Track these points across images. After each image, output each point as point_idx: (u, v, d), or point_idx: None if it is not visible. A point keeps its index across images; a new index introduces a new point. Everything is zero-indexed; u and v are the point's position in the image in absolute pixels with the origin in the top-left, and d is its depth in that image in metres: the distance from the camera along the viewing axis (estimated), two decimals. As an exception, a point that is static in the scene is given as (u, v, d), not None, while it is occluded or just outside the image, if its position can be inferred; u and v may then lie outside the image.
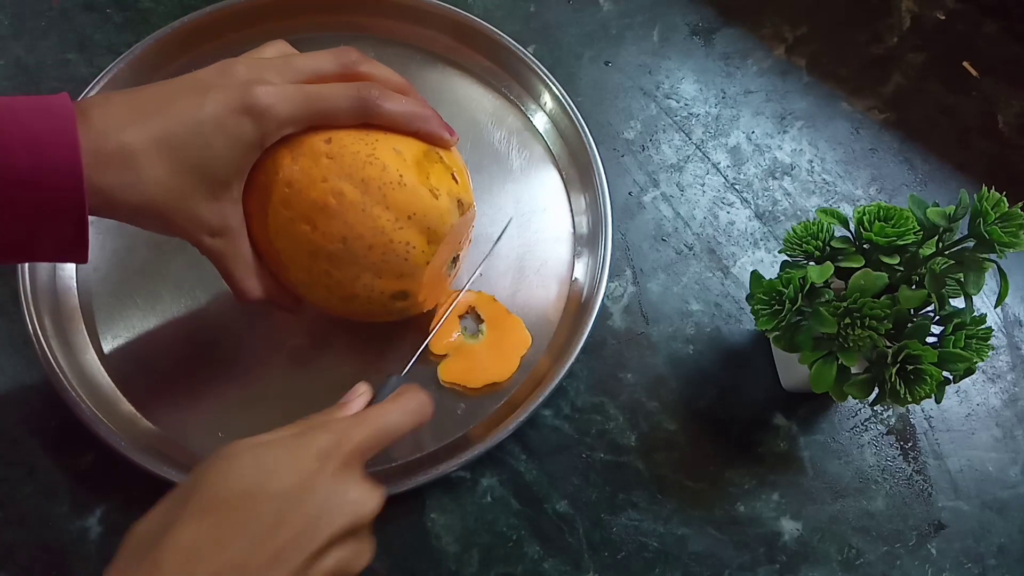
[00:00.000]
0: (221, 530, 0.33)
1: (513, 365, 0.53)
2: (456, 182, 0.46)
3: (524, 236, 0.58)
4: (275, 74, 0.42)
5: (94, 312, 0.53)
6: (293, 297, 0.48)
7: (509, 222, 0.56)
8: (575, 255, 0.57)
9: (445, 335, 0.53)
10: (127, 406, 0.50)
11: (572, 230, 0.58)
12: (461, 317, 0.54)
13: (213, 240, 0.43)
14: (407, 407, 0.41)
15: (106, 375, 0.51)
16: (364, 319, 0.50)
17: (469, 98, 0.62)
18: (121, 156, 0.38)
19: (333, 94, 0.43)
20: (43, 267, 0.52)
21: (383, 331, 0.53)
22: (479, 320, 0.54)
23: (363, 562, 0.37)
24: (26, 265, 0.51)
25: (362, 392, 0.43)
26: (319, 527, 0.34)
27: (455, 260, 0.51)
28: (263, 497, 0.34)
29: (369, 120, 0.44)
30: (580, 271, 0.56)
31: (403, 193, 0.43)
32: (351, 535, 0.36)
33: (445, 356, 0.53)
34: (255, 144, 0.42)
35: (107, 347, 0.52)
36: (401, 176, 0.44)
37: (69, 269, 0.54)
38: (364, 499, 0.36)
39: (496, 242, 0.56)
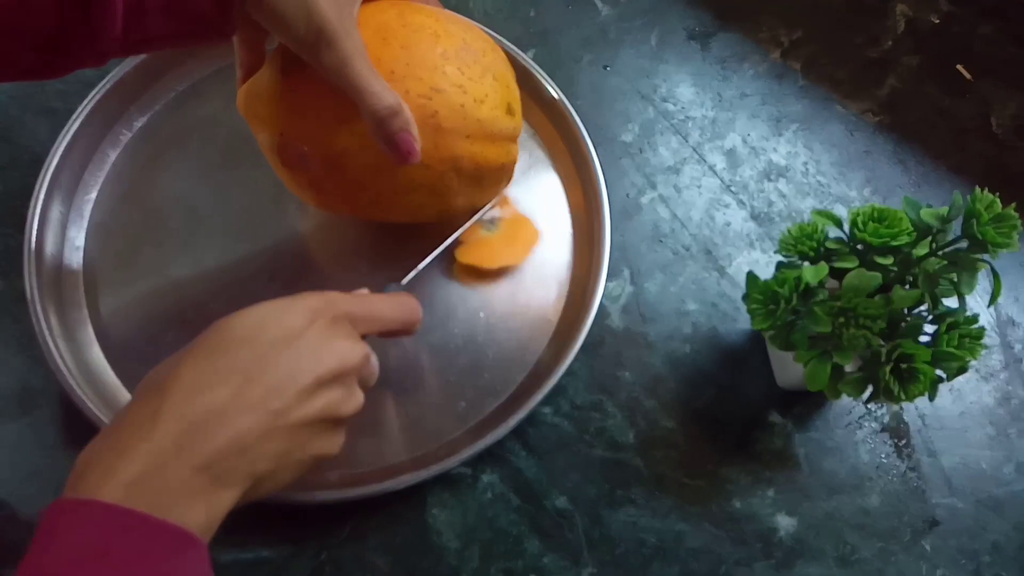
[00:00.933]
0: (219, 368, 0.36)
1: (525, 253, 0.57)
2: None
3: (524, 237, 0.58)
4: None
5: (100, 311, 0.53)
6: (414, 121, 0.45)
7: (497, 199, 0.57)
8: (574, 255, 0.58)
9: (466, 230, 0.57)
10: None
11: (571, 231, 0.59)
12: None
13: (343, 41, 0.41)
14: (398, 303, 0.44)
15: (112, 374, 0.52)
16: (467, 155, 0.48)
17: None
18: None
19: None
20: (48, 264, 0.53)
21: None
22: (495, 217, 0.57)
23: (350, 408, 0.40)
24: (32, 263, 0.52)
25: (361, 291, 0.45)
26: (307, 367, 0.37)
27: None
28: (257, 342, 0.37)
29: None
30: (579, 271, 0.57)
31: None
32: (338, 380, 0.39)
33: (461, 245, 0.56)
34: None
35: (113, 346, 0.52)
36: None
37: (76, 268, 0.54)
38: (348, 349, 0.39)
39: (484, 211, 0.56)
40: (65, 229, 0.55)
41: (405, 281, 0.52)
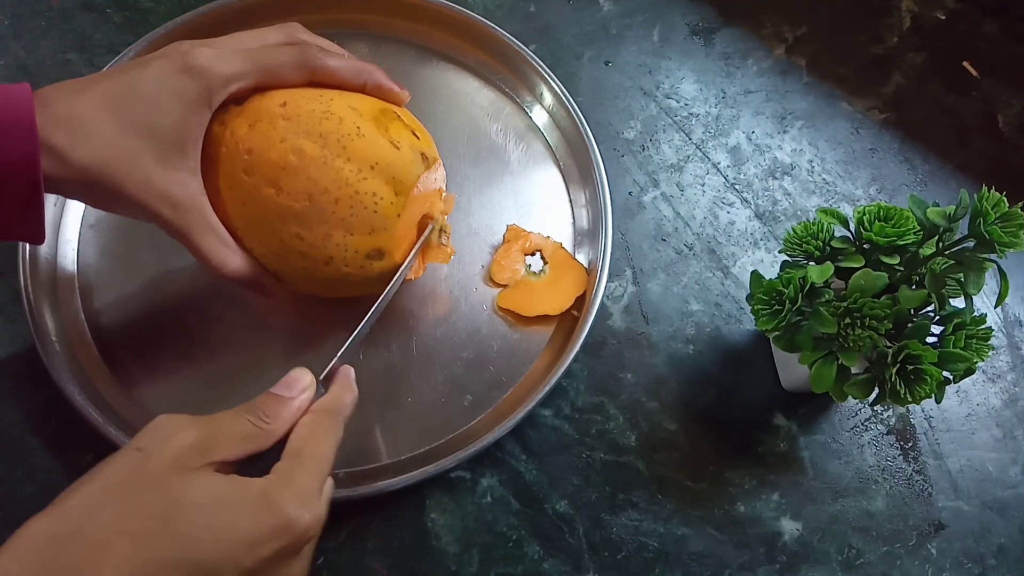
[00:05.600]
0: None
1: (567, 302, 0.55)
2: (417, 138, 0.46)
3: (524, 236, 0.58)
4: (219, 45, 0.43)
5: (96, 311, 0.53)
6: (270, 273, 0.47)
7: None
8: (575, 254, 0.57)
9: (509, 268, 0.55)
10: (128, 405, 0.50)
11: (572, 229, 0.58)
12: (528, 255, 0.56)
13: (175, 213, 0.42)
14: (327, 432, 0.38)
15: (108, 375, 0.51)
16: (346, 291, 0.48)
17: (465, 93, 0.62)
18: (69, 118, 0.39)
19: (274, 50, 0.45)
20: (44, 265, 0.53)
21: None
22: (544, 261, 0.56)
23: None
24: (27, 263, 0.51)
25: (306, 384, 0.39)
26: (250, 553, 0.33)
27: (442, 231, 0.50)
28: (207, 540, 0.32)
29: (314, 76, 0.45)
30: (580, 271, 0.56)
31: (363, 143, 0.44)
32: (289, 554, 0.35)
33: (505, 286, 0.55)
34: (200, 101, 0.42)
35: (109, 347, 0.52)
36: (359, 128, 0.44)
37: (71, 268, 0.54)
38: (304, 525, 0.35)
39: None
40: (59, 229, 0.55)
41: (322, 376, 0.42)
